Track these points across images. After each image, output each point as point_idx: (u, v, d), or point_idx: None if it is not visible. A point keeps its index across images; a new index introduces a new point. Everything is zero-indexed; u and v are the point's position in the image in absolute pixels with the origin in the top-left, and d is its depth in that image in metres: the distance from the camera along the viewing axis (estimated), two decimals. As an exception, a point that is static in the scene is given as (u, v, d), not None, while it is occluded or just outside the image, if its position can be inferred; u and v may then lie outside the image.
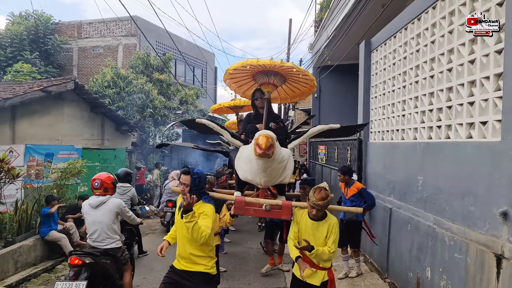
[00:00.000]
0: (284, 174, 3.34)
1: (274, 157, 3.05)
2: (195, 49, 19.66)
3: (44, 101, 7.68)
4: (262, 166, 3.13)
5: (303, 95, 4.68)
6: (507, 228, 2.63)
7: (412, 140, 4.30)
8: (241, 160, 3.46)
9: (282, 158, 3.22)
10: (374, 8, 6.01)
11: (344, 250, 4.95)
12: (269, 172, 3.19)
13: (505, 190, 2.66)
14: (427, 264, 3.73)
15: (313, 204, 2.78)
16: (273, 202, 3.32)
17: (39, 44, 16.29)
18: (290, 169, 3.40)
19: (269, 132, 3.09)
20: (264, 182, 3.31)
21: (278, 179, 3.35)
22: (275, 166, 3.18)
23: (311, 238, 2.86)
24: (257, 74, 3.94)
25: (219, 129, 3.48)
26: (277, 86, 4.04)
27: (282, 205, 3.24)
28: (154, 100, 12.45)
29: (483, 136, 2.98)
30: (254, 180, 3.36)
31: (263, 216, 3.53)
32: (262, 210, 3.25)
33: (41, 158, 7.45)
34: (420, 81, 4.13)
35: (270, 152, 2.93)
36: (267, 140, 2.90)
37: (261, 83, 3.97)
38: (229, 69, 3.86)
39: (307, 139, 3.63)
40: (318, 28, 10.65)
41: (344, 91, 10.47)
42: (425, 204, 3.89)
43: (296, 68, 3.68)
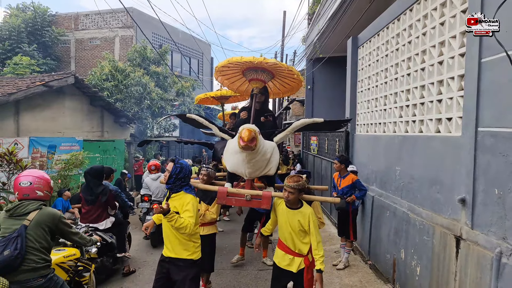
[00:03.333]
0: (269, 166, 3.50)
1: (258, 149, 3.21)
2: (191, 40, 19.77)
3: (46, 95, 7.96)
4: (246, 158, 3.30)
5: (293, 89, 4.86)
6: (465, 213, 2.99)
7: (392, 133, 4.63)
8: (228, 153, 3.63)
9: (266, 151, 3.37)
10: (362, 2, 6.24)
11: (343, 239, 5.06)
12: (253, 163, 3.36)
13: (464, 179, 3.00)
14: (402, 247, 4.11)
15: (286, 186, 3.00)
16: (254, 192, 3.45)
17: (37, 36, 16.41)
18: (274, 162, 3.56)
19: (252, 125, 3.26)
20: (249, 173, 3.47)
21: (263, 171, 3.51)
22: (258, 158, 3.34)
23: (287, 224, 3.07)
24: (246, 71, 4.11)
25: (208, 123, 3.74)
26: (266, 82, 4.22)
27: (262, 195, 3.37)
28: (151, 92, 12.71)
29: (449, 131, 3.32)
30: (240, 171, 3.54)
31: (244, 205, 3.65)
32: (244, 200, 3.41)
33: (45, 150, 7.77)
34: (399, 78, 4.43)
35: (252, 144, 3.08)
36: (249, 133, 3.05)
37: (250, 79, 4.16)
38: (217, 67, 4.07)
39: (291, 132, 3.79)
40: (311, 21, 10.85)
41: (337, 83, 10.71)
42: (402, 192, 4.25)
43: (279, 64, 3.86)
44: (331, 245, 5.93)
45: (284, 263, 3.12)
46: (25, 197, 2.65)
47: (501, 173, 2.58)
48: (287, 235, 3.11)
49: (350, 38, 6.34)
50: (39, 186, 2.71)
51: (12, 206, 2.62)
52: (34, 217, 2.56)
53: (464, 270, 2.91)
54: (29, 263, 2.48)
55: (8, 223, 2.55)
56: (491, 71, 2.69)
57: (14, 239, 2.44)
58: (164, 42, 17.44)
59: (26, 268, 2.46)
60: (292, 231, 3.08)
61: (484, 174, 2.77)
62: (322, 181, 8.64)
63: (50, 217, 2.64)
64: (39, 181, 2.73)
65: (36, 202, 2.66)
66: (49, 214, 2.64)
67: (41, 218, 2.58)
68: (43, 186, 2.74)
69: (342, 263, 4.96)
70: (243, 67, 4.03)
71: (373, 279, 4.57)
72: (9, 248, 2.40)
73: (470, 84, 2.94)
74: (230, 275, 4.91)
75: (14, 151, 5.40)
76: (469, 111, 2.93)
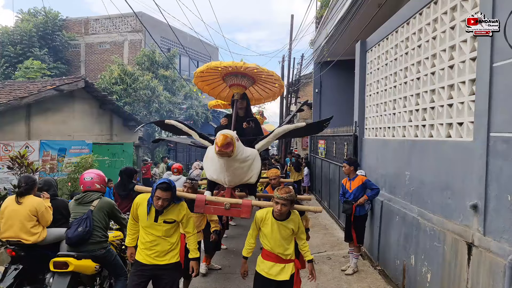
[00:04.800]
0: (250, 174, 3.35)
1: (236, 156, 3.07)
2: (199, 43, 19.93)
3: (56, 99, 8.08)
4: (225, 165, 3.16)
5: (275, 95, 4.76)
6: (476, 219, 2.94)
7: (401, 137, 4.59)
8: (208, 160, 3.51)
9: (245, 158, 3.22)
10: (371, 7, 6.23)
11: (351, 244, 4.99)
12: (232, 171, 3.22)
13: (476, 185, 2.96)
14: (412, 252, 4.06)
15: (278, 198, 2.84)
16: (233, 201, 3.30)
17: (48, 41, 16.72)
18: (256, 169, 3.41)
19: (229, 131, 3.12)
20: (228, 181, 3.33)
21: (243, 179, 3.36)
22: (237, 166, 3.20)
23: (278, 238, 2.95)
24: (226, 76, 3.97)
25: (187, 129, 3.62)
26: (246, 87, 4.11)
27: (242, 203, 3.22)
28: (159, 96, 12.84)
29: (460, 135, 3.28)
30: (219, 179, 3.38)
31: (223, 214, 3.52)
32: (222, 209, 3.25)
33: (55, 153, 7.88)
34: (408, 82, 4.40)
35: (228, 150, 2.95)
36: (224, 138, 2.92)
37: (230, 84, 4.03)
38: (196, 72, 3.97)
39: (274, 139, 3.64)
40: (319, 24, 10.85)
41: (345, 86, 10.67)
42: (411, 197, 4.20)
43: (260, 69, 3.75)
44: (340, 250, 5.89)
45: (274, 273, 2.98)
46: (88, 189, 3.43)
47: (514, 179, 2.54)
48: (276, 244, 2.98)
49: (358, 42, 6.32)
50: (98, 181, 3.47)
51: (79, 196, 3.43)
52: (97, 204, 3.35)
53: (476, 278, 2.87)
54: (95, 237, 3.27)
55: (78, 209, 3.37)
56: (503, 76, 2.66)
57: (84, 220, 3.23)
58: (172, 46, 17.60)
59: (93, 241, 3.25)
60: (282, 239, 2.97)
61: (496, 180, 2.73)
62: (330, 185, 8.60)
63: (108, 204, 3.45)
64: (97, 177, 3.49)
65: (96, 193, 3.42)
66: (107, 202, 3.46)
67: (102, 204, 3.38)
68: (100, 181, 3.51)
69: (350, 268, 4.90)
70: (223, 72, 3.93)
71: (383, 285, 4.52)
72: (81, 226, 3.19)
73: (481, 88, 2.90)
74: (238, 279, 4.90)
75: (25, 155, 5.49)
76: (481, 116, 2.89)
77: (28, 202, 3.46)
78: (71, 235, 3.19)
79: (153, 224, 2.89)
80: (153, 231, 2.90)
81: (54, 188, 3.96)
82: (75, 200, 3.46)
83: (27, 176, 3.68)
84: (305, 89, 16.87)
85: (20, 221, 3.41)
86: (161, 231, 2.91)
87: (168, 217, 2.93)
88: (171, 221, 2.94)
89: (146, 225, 2.91)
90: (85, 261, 3.24)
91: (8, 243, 3.50)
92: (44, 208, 3.47)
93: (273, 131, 3.52)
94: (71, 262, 3.12)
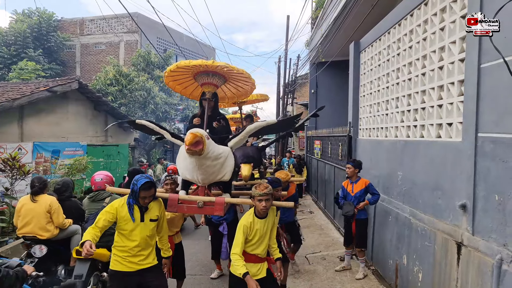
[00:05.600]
0: (223, 171, 3.35)
1: (206, 154, 3.07)
2: (195, 44, 19.92)
3: (50, 100, 8.04)
4: (196, 163, 3.16)
5: (247, 93, 4.78)
6: (465, 219, 2.96)
7: (393, 138, 4.62)
8: (180, 159, 3.49)
9: (217, 156, 3.22)
10: (364, 6, 6.25)
11: (350, 248, 4.93)
12: (204, 169, 3.21)
13: (465, 185, 2.98)
14: (404, 252, 4.08)
15: (260, 196, 2.85)
16: (206, 199, 3.30)
17: (42, 42, 16.64)
18: (229, 167, 3.41)
19: (198, 130, 3.09)
20: (201, 179, 3.32)
21: (216, 177, 3.35)
22: (209, 163, 3.20)
23: (263, 234, 2.98)
24: (197, 75, 3.96)
25: (159, 129, 3.59)
26: (218, 86, 4.10)
27: (215, 201, 3.22)
28: (155, 97, 12.80)
29: (449, 136, 3.30)
30: (192, 178, 3.37)
31: (196, 213, 3.48)
32: (195, 207, 3.25)
33: (48, 155, 7.84)
34: (400, 82, 4.43)
35: (197, 149, 2.94)
36: (192, 137, 2.90)
37: (202, 83, 4.02)
38: (166, 72, 3.97)
39: (245, 136, 3.62)
40: (315, 25, 10.88)
41: (340, 86, 10.71)
42: (404, 197, 4.23)
43: (230, 67, 3.76)
44: (334, 250, 5.90)
45: (253, 273, 2.95)
46: (99, 188, 3.97)
47: (501, 179, 2.56)
48: (258, 244, 2.99)
49: (352, 42, 6.34)
50: (107, 181, 4.01)
51: (92, 195, 3.99)
52: (109, 201, 3.76)
53: (465, 277, 2.89)
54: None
55: (92, 206, 3.95)
56: (490, 77, 2.68)
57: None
58: (168, 47, 17.59)
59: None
60: (265, 237, 3.01)
61: (484, 180, 2.75)
62: (326, 185, 8.62)
63: None
64: (107, 178, 4.05)
65: (106, 192, 3.94)
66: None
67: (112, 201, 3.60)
68: (109, 181, 4.04)
69: (360, 273, 4.73)
70: (193, 71, 3.92)
71: (376, 284, 4.54)
72: None
73: (469, 89, 2.93)
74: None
75: (17, 157, 5.45)
76: (469, 116, 2.92)
77: (42, 201, 3.89)
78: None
79: (140, 225, 2.84)
80: (138, 233, 2.83)
81: (70, 190, 4.35)
82: (88, 198, 4.00)
83: (39, 177, 4.13)
84: (302, 90, 16.91)
85: (36, 219, 3.84)
86: (148, 230, 2.88)
87: (152, 214, 2.94)
88: (155, 218, 2.96)
89: (131, 228, 2.81)
90: (101, 249, 3.65)
91: (24, 238, 3.91)
92: (57, 205, 3.93)
93: (245, 128, 3.51)
94: None
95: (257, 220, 2.97)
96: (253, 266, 2.99)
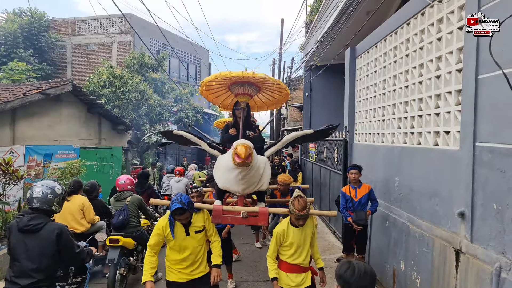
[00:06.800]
0: (262, 181, 3.45)
1: (252, 165, 3.18)
2: (189, 45, 19.85)
3: (42, 103, 7.92)
4: (240, 174, 3.24)
5: (278, 103, 4.86)
6: (464, 227, 3.02)
7: (390, 143, 4.67)
8: (220, 170, 3.55)
9: (259, 166, 3.34)
10: (360, 15, 6.33)
11: (351, 255, 4.88)
12: (246, 180, 3.31)
13: (463, 193, 3.03)
14: (401, 258, 4.13)
15: (298, 216, 2.89)
16: (250, 209, 3.38)
17: (33, 42, 16.39)
18: (267, 177, 3.51)
19: (246, 141, 3.22)
20: (242, 190, 3.41)
21: (256, 187, 3.45)
22: (252, 174, 3.30)
23: (300, 243, 3.02)
24: (232, 85, 4.06)
25: (197, 140, 3.62)
26: (252, 95, 4.17)
27: (259, 211, 3.32)
28: (149, 99, 12.71)
29: (447, 144, 3.36)
30: (232, 188, 3.46)
31: (240, 223, 3.55)
32: (240, 218, 3.32)
33: (41, 158, 7.71)
34: (397, 89, 4.48)
35: (249, 161, 3.06)
36: (246, 149, 3.01)
37: (236, 93, 4.10)
38: (204, 82, 3.99)
39: (282, 146, 3.75)
40: (309, 29, 10.93)
41: (335, 90, 10.74)
42: (401, 203, 4.28)
43: (268, 78, 3.83)
44: (331, 254, 5.94)
45: (299, 282, 3.02)
46: (122, 189, 4.92)
47: (499, 188, 2.61)
48: (299, 253, 3.03)
49: (348, 48, 6.39)
50: (129, 183, 4.97)
51: (117, 195, 4.94)
52: (130, 200, 4.72)
53: (464, 284, 2.94)
54: (132, 223, 4.62)
55: (117, 204, 4.88)
56: (488, 88, 2.74)
57: (123, 211, 4.59)
58: (162, 48, 17.48)
59: (131, 225, 4.60)
60: (305, 246, 3.05)
61: (482, 188, 2.80)
62: (321, 188, 8.66)
63: (137, 200, 4.80)
64: (128, 181, 4.99)
65: (128, 192, 4.90)
66: (137, 198, 4.83)
67: (133, 200, 4.75)
68: (130, 183, 5.00)
69: None
70: (230, 81, 3.96)
71: (372, 289, 4.57)
72: (121, 215, 4.54)
73: (467, 99, 2.98)
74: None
75: (10, 162, 5.36)
76: (467, 125, 2.97)
77: (76, 200, 4.61)
78: (115, 222, 4.53)
79: (186, 238, 2.96)
80: (187, 245, 2.99)
81: (97, 191, 5.23)
82: (114, 198, 4.97)
83: (76, 181, 4.91)
84: (296, 92, 16.97)
85: (71, 214, 4.53)
86: (195, 241, 3.01)
87: (197, 225, 3.06)
88: (201, 229, 3.08)
89: (178, 242, 2.96)
90: (128, 239, 4.51)
91: None
92: (89, 204, 4.68)
93: (283, 138, 3.62)
94: (121, 239, 4.42)
95: (292, 229, 3.03)
96: (297, 276, 3.04)
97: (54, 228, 2.46)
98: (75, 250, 2.58)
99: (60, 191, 2.63)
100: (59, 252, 2.47)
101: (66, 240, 2.49)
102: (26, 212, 2.51)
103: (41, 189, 2.54)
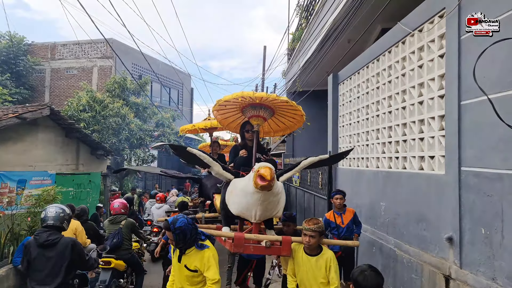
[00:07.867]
0: (278, 207, 3.29)
1: (273, 189, 3.02)
2: (171, 70, 19.89)
3: (18, 127, 7.61)
4: (260, 199, 3.06)
5: (294, 127, 4.61)
6: (452, 252, 3.00)
7: (375, 168, 4.70)
8: (235, 194, 3.33)
9: (278, 191, 3.19)
10: (342, 42, 6.53)
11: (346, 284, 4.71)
12: (265, 205, 3.13)
13: (450, 217, 3.04)
14: (390, 284, 4.05)
15: (306, 230, 2.80)
16: (273, 238, 3.18)
17: (11, 66, 16.04)
18: (282, 203, 3.36)
19: (268, 163, 3.05)
20: (259, 216, 3.21)
21: (272, 212, 3.29)
22: (271, 199, 3.14)
23: (309, 274, 2.85)
24: (246, 107, 3.93)
25: (211, 161, 3.39)
26: (266, 119, 4.05)
27: (282, 241, 3.09)
28: (130, 123, 12.49)
29: (432, 168, 3.40)
30: (249, 213, 3.24)
31: (262, 253, 3.31)
32: (262, 247, 3.10)
33: (14, 185, 7.32)
34: (380, 115, 4.57)
35: (273, 183, 2.92)
36: (270, 171, 2.86)
37: (250, 116, 3.95)
38: (220, 100, 3.79)
39: (298, 171, 3.67)
40: (291, 56, 11.21)
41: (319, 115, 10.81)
42: (387, 228, 4.25)
43: (290, 102, 3.77)
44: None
45: None
46: (116, 213, 4.98)
47: (486, 213, 2.63)
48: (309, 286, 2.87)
49: (330, 74, 6.54)
50: (122, 207, 5.05)
51: (111, 218, 4.99)
52: (124, 223, 4.87)
53: (456, 311, 2.88)
54: (124, 246, 4.79)
55: (111, 227, 4.91)
56: (471, 113, 2.81)
57: (117, 234, 4.74)
58: (144, 73, 17.44)
59: (123, 248, 4.77)
60: (314, 279, 2.84)
61: (470, 213, 2.82)
62: (305, 213, 8.57)
63: (131, 223, 4.97)
64: (122, 205, 5.07)
65: (122, 215, 4.98)
66: (130, 222, 4.99)
67: (127, 224, 4.91)
68: (124, 207, 5.08)
69: None
70: (246, 103, 3.80)
71: (362, 319, 4.44)
72: (115, 238, 4.69)
73: (451, 124, 3.05)
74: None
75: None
76: (452, 150, 3.02)
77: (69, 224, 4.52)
78: (109, 244, 4.59)
79: (178, 265, 2.78)
80: (176, 272, 2.84)
81: (86, 215, 5.51)
82: (108, 221, 5.03)
83: (71, 205, 4.76)
84: (277, 117, 17.11)
85: None
86: (183, 276, 2.72)
87: (189, 261, 2.69)
88: (193, 269, 2.68)
89: (174, 263, 2.89)
90: (119, 261, 4.70)
91: None
92: (81, 228, 4.73)
93: (300, 163, 3.56)
94: (112, 261, 4.59)
95: (304, 254, 2.92)
96: None
97: (68, 241, 3.01)
98: (85, 258, 3.16)
99: (68, 211, 3.20)
100: (73, 261, 2.98)
101: (78, 250, 3.05)
102: (42, 230, 2.99)
103: (55, 209, 3.12)
